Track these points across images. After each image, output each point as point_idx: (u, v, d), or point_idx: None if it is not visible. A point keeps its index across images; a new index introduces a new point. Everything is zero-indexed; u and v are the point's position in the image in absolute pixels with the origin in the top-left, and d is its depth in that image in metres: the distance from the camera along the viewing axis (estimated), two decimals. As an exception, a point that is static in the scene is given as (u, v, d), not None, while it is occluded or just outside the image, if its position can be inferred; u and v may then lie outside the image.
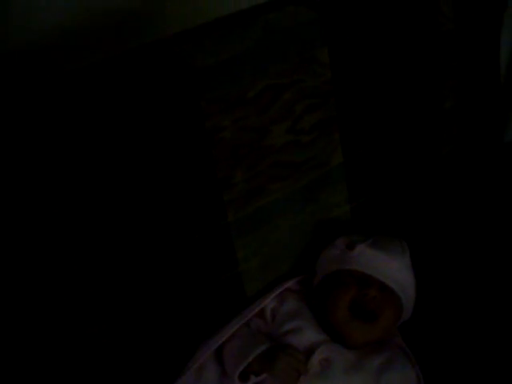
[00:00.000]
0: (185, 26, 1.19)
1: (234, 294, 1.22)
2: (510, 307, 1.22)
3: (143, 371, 1.17)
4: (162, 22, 1.17)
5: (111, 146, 1.02)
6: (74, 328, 1.08)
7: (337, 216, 1.29)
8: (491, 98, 1.52)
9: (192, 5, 1.19)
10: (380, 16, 1.23)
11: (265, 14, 1.12)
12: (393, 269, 1.17)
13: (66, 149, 0.99)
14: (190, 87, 1.05)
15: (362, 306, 1.14)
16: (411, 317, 1.23)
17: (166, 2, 1.17)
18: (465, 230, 1.40)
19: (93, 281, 1.07)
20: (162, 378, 1.14)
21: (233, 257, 1.19)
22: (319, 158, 1.22)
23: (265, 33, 1.10)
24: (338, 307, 1.15)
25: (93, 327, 1.10)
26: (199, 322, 1.19)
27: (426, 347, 1.20)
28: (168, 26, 1.17)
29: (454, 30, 1.34)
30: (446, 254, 1.35)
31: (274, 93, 1.12)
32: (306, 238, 1.28)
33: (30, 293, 1.03)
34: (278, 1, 1.18)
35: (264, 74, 1.11)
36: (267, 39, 1.09)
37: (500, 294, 1.25)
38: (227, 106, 1.09)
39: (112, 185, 1.04)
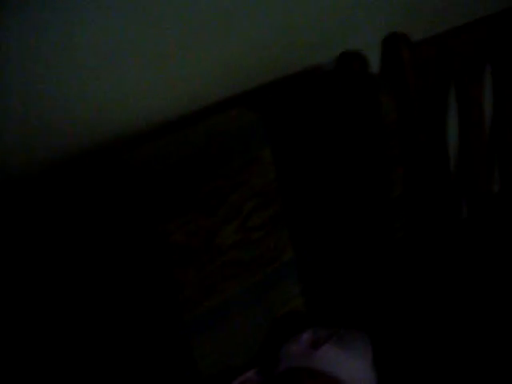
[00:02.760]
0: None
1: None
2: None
3: None
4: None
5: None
6: None
7: (291, 309, 1.32)
8: (440, 182, 1.58)
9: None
10: (322, 112, 1.29)
11: (206, 118, 1.17)
12: (356, 369, 1.19)
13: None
14: (143, 190, 1.09)
15: None
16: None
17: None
18: (426, 314, 1.43)
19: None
20: None
21: (189, 355, 1.21)
22: (270, 254, 1.25)
23: (207, 137, 1.15)
24: None
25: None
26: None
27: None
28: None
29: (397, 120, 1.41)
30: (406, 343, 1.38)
31: (221, 195, 1.17)
32: (262, 334, 1.29)
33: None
34: (219, 104, 1.24)
35: (210, 177, 1.15)
36: (210, 143, 1.15)
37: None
38: (177, 210, 1.13)
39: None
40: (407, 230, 1.49)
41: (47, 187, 1.09)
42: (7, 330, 1.03)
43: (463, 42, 1.52)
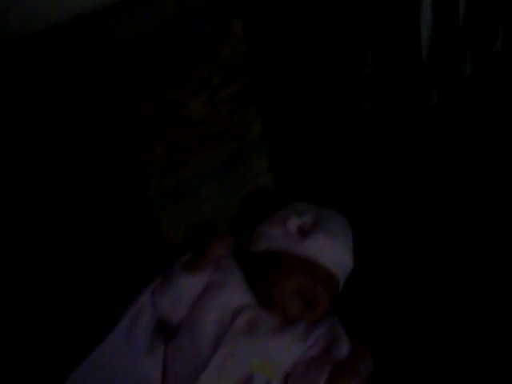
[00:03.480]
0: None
1: (161, 263, 1.23)
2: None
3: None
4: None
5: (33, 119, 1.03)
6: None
7: (260, 185, 1.33)
8: (411, 63, 1.56)
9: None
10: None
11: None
12: (340, 256, 1.20)
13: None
14: (110, 62, 1.06)
15: (306, 294, 1.16)
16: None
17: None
18: (391, 196, 1.45)
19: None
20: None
21: (158, 229, 1.22)
22: (238, 128, 1.24)
23: (177, 7, 1.11)
24: (283, 290, 1.16)
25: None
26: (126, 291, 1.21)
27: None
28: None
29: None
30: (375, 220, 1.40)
31: (189, 66, 1.14)
32: (231, 208, 1.31)
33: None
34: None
35: (178, 48, 1.12)
36: (179, 13, 1.11)
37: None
38: (145, 81, 1.10)
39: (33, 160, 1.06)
40: (375, 111, 1.48)
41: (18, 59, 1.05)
42: None
43: None
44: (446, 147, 1.59)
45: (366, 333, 1.25)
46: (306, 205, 1.27)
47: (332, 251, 1.19)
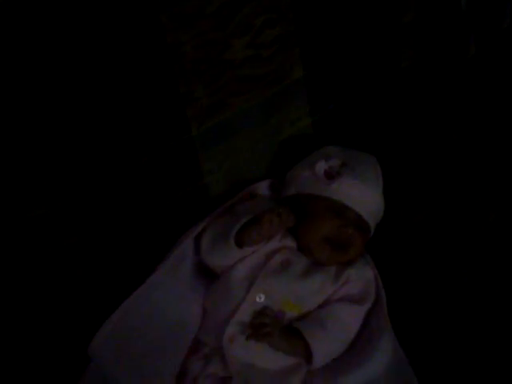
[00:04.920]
0: None
1: (200, 204, 1.26)
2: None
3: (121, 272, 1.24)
4: None
5: (73, 63, 1.04)
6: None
7: (299, 129, 1.33)
8: (452, 12, 1.54)
9: None
10: None
11: None
12: (368, 198, 1.21)
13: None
14: (149, 2, 1.05)
15: (337, 238, 1.18)
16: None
17: None
18: (428, 143, 1.45)
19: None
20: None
21: (198, 170, 1.23)
22: (280, 71, 1.24)
23: None
24: (313, 234, 1.19)
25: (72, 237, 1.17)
26: (168, 231, 1.24)
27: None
28: None
29: None
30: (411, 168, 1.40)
31: (232, 7, 1.13)
32: (269, 151, 1.32)
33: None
34: None
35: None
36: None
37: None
38: (187, 21, 1.10)
39: (76, 104, 1.07)
40: (415, 59, 1.47)
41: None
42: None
43: None
44: (483, 99, 1.57)
45: (397, 278, 1.27)
46: (335, 148, 1.28)
47: (360, 194, 1.20)
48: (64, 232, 1.16)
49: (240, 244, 1.15)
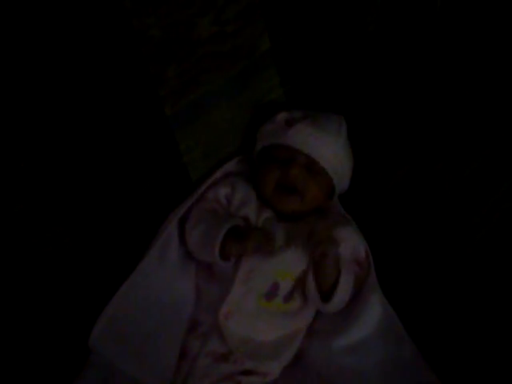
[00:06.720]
0: None
1: (180, 183, 1.29)
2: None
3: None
4: None
5: (43, 55, 1.05)
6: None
7: (272, 99, 1.35)
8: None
9: None
10: None
11: None
12: (325, 146, 1.23)
13: None
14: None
15: (285, 180, 1.21)
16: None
17: None
18: (402, 102, 1.46)
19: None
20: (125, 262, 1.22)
21: (176, 149, 1.25)
22: (247, 45, 1.26)
23: None
24: (266, 185, 1.23)
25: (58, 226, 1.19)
26: (152, 212, 1.27)
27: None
28: None
29: None
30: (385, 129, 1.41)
31: (194, -14, 1.15)
32: (245, 123, 1.34)
33: None
34: None
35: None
36: None
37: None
38: (151, 4, 1.11)
39: (50, 93, 1.08)
40: (379, 23, 1.48)
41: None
42: None
43: None
44: (452, 52, 1.57)
45: (380, 235, 1.30)
46: (302, 110, 1.30)
47: (315, 140, 1.22)
48: (49, 222, 1.17)
49: (225, 257, 1.16)
